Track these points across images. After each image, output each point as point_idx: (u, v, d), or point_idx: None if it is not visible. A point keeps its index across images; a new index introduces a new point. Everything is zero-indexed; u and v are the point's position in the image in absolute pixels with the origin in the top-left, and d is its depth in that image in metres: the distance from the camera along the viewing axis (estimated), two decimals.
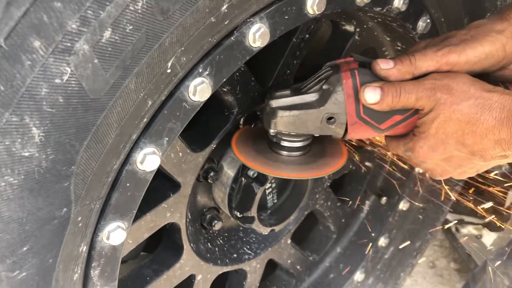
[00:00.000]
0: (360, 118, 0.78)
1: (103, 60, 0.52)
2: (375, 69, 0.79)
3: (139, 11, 0.52)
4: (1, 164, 0.50)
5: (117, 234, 0.69)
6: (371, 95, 0.76)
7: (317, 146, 0.94)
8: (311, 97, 0.81)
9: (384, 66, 0.78)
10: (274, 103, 0.82)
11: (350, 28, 1.04)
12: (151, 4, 0.53)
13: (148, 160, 0.67)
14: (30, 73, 0.48)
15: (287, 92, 0.83)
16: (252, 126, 1.02)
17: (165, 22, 0.55)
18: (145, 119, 0.64)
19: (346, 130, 0.81)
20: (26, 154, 0.51)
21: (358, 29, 1.04)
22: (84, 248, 0.67)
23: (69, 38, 0.49)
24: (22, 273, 0.58)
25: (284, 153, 0.90)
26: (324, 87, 0.80)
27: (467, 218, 2.09)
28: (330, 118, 0.80)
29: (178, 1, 0.55)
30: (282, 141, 0.89)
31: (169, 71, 0.61)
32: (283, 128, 0.83)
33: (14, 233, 0.55)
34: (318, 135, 0.86)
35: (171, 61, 0.60)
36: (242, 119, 0.99)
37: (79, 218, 0.62)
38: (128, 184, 0.67)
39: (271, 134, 0.87)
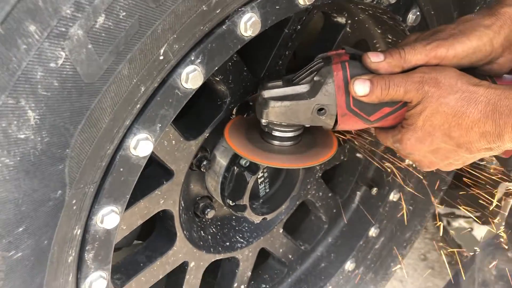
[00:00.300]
0: (350, 109, 0.80)
1: (97, 46, 0.53)
2: (365, 62, 0.81)
3: None
4: None
5: (110, 218, 0.71)
6: (361, 88, 0.78)
7: (308, 136, 0.96)
8: (302, 88, 0.83)
9: (374, 59, 0.80)
10: (266, 93, 0.84)
11: (341, 20, 1.06)
12: None
13: (141, 145, 0.68)
14: (26, 57, 0.50)
15: (279, 83, 0.85)
16: (245, 115, 1.03)
17: (157, 9, 0.57)
18: (138, 105, 0.65)
19: (336, 121, 0.83)
20: (22, 136, 0.53)
21: (349, 21, 1.06)
22: (78, 231, 0.69)
23: (64, 23, 0.50)
24: (18, 253, 0.60)
25: (276, 142, 0.92)
26: (315, 78, 0.82)
27: (458, 211, 2.12)
28: (320, 109, 0.82)
29: None
30: (273, 131, 0.91)
31: (161, 58, 0.62)
32: (275, 118, 0.84)
33: (10, 214, 0.56)
34: (309, 125, 0.88)
35: (163, 48, 0.61)
36: (234, 109, 1.01)
37: (74, 201, 0.64)
38: (121, 169, 0.69)
39: (263, 124, 0.89)
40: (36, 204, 0.58)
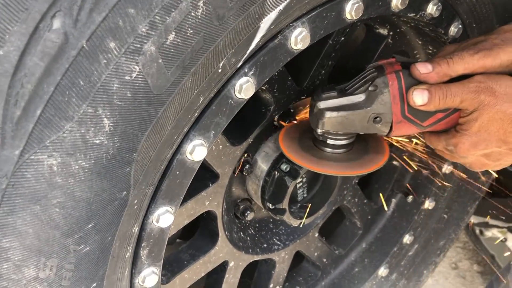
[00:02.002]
0: (404, 117, 0.84)
1: (166, 60, 0.58)
2: (414, 73, 0.84)
3: (199, 17, 0.59)
4: (76, 149, 0.57)
5: (165, 218, 0.76)
6: (419, 98, 0.81)
7: (361, 143, 0.99)
8: (357, 98, 0.86)
9: (423, 70, 0.83)
10: (322, 104, 0.87)
11: (383, 31, 1.08)
12: (210, 11, 0.59)
13: (196, 151, 0.73)
14: (105, 70, 0.55)
15: (334, 93, 0.88)
16: (288, 122, 1.07)
17: (220, 26, 0.61)
18: (196, 114, 0.70)
19: (391, 128, 0.86)
20: (97, 141, 0.58)
21: (391, 33, 1.08)
22: (136, 229, 0.74)
23: (139, 40, 0.55)
24: (86, 247, 0.65)
25: (330, 150, 0.95)
26: (370, 88, 0.85)
27: (491, 221, 2.10)
28: (376, 118, 0.85)
29: (232, 8, 0.61)
30: (328, 139, 0.94)
31: (220, 70, 0.67)
32: (331, 128, 0.88)
33: (83, 211, 0.62)
34: (363, 133, 0.91)
35: (222, 62, 0.66)
36: (276, 116, 1.05)
37: (135, 201, 0.69)
38: (177, 172, 0.74)
39: (319, 133, 0.92)
40: (104, 203, 0.64)
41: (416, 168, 1.28)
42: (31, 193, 0.57)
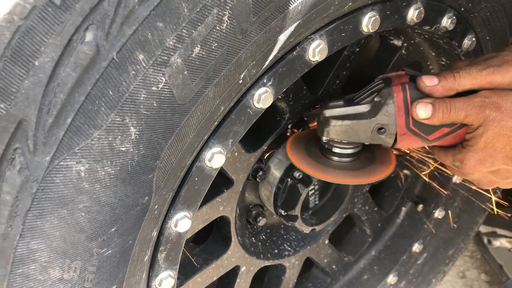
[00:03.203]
0: (409, 129, 0.85)
1: (191, 72, 0.61)
2: (419, 86, 0.84)
3: (224, 30, 0.61)
4: (103, 156, 0.59)
5: (183, 223, 0.78)
6: (423, 111, 0.82)
7: (368, 153, 1.00)
8: (363, 108, 0.87)
9: (428, 83, 0.83)
10: (328, 112, 0.89)
11: (397, 42, 1.10)
12: (234, 25, 0.61)
13: (215, 158, 0.75)
14: (133, 81, 0.57)
15: (340, 102, 0.90)
16: (300, 130, 1.09)
17: (243, 40, 0.64)
18: (216, 123, 0.72)
19: (395, 140, 0.87)
20: (123, 149, 0.60)
21: (405, 44, 1.10)
22: (155, 233, 0.76)
23: (166, 53, 0.58)
24: (108, 250, 0.67)
25: (335, 158, 0.97)
26: (376, 99, 0.86)
27: (500, 231, 2.10)
28: (380, 129, 0.86)
29: (255, 22, 0.63)
30: (334, 148, 0.95)
31: (240, 81, 0.69)
32: (335, 136, 0.89)
33: (107, 216, 0.64)
34: (368, 143, 0.92)
35: (243, 73, 0.68)
36: (290, 124, 1.07)
37: (156, 206, 0.71)
38: (196, 179, 0.76)
39: (324, 141, 0.94)
40: (127, 208, 0.66)
41: (427, 179, 1.29)
42: (59, 197, 0.59)
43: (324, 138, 0.91)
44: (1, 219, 0.57)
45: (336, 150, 0.95)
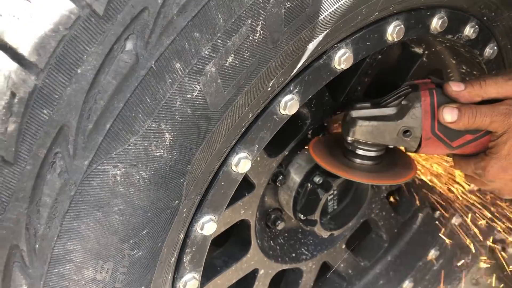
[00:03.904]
0: (434, 133, 0.86)
1: (224, 80, 0.62)
2: (446, 90, 0.86)
3: (256, 40, 0.62)
4: (139, 161, 0.61)
5: (209, 226, 0.80)
6: (449, 115, 0.83)
7: (389, 158, 1.02)
8: (390, 110, 0.89)
9: (455, 88, 0.86)
10: (355, 113, 0.90)
11: (419, 50, 1.11)
12: (266, 35, 0.63)
13: (241, 163, 0.77)
14: (170, 89, 0.59)
15: (367, 104, 0.91)
16: (321, 136, 1.10)
17: (274, 49, 0.65)
18: (243, 129, 0.74)
19: (419, 144, 0.88)
20: (158, 154, 0.62)
21: (426, 52, 1.11)
22: (182, 236, 0.78)
23: (202, 62, 0.59)
24: (139, 252, 0.69)
25: (358, 160, 0.98)
26: (403, 102, 0.88)
27: None
28: (406, 131, 0.88)
29: (286, 32, 0.65)
30: (357, 149, 0.97)
31: (269, 89, 0.71)
32: (361, 137, 0.91)
33: (139, 218, 0.66)
34: (392, 146, 0.93)
35: (272, 81, 0.70)
36: (311, 130, 1.08)
37: (184, 210, 0.73)
38: (223, 183, 0.78)
39: (348, 141, 0.95)
40: (158, 211, 0.68)
41: (444, 186, 1.30)
42: (95, 200, 0.61)
43: (350, 138, 0.93)
44: (40, 220, 0.59)
45: (360, 152, 0.97)
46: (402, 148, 1.03)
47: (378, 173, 0.97)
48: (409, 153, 1.03)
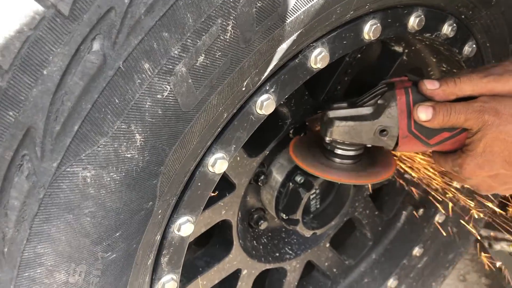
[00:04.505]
0: (411, 132, 0.86)
1: (195, 80, 0.62)
2: (421, 88, 0.86)
3: (227, 40, 0.62)
4: (109, 162, 0.60)
5: (186, 227, 0.79)
6: (423, 113, 0.84)
7: (368, 157, 1.02)
8: (366, 110, 0.89)
9: (429, 86, 0.86)
10: (332, 113, 0.91)
11: (398, 48, 1.11)
12: (237, 35, 0.62)
13: (218, 164, 0.76)
14: (139, 90, 0.58)
15: (344, 104, 0.91)
16: (302, 135, 1.10)
17: (246, 48, 0.65)
18: (219, 129, 0.73)
19: (397, 142, 0.88)
20: (129, 155, 0.61)
21: (406, 50, 1.11)
22: (158, 237, 0.77)
23: (171, 62, 0.59)
24: (113, 254, 0.69)
25: (337, 160, 0.98)
26: (379, 102, 0.88)
27: (500, 234, 2.10)
28: (382, 131, 0.88)
29: (258, 31, 0.65)
30: (336, 149, 0.97)
31: (243, 89, 0.70)
32: (338, 137, 0.91)
33: (112, 220, 0.65)
34: (370, 145, 0.94)
35: (246, 81, 0.69)
36: (292, 129, 1.08)
37: (160, 211, 0.72)
38: (199, 184, 0.77)
39: (327, 141, 0.95)
40: (131, 213, 0.67)
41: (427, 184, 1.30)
42: (65, 202, 0.60)
43: (327, 139, 0.93)
44: (9, 224, 0.58)
45: (339, 151, 0.97)
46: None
47: (356, 172, 0.97)
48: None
